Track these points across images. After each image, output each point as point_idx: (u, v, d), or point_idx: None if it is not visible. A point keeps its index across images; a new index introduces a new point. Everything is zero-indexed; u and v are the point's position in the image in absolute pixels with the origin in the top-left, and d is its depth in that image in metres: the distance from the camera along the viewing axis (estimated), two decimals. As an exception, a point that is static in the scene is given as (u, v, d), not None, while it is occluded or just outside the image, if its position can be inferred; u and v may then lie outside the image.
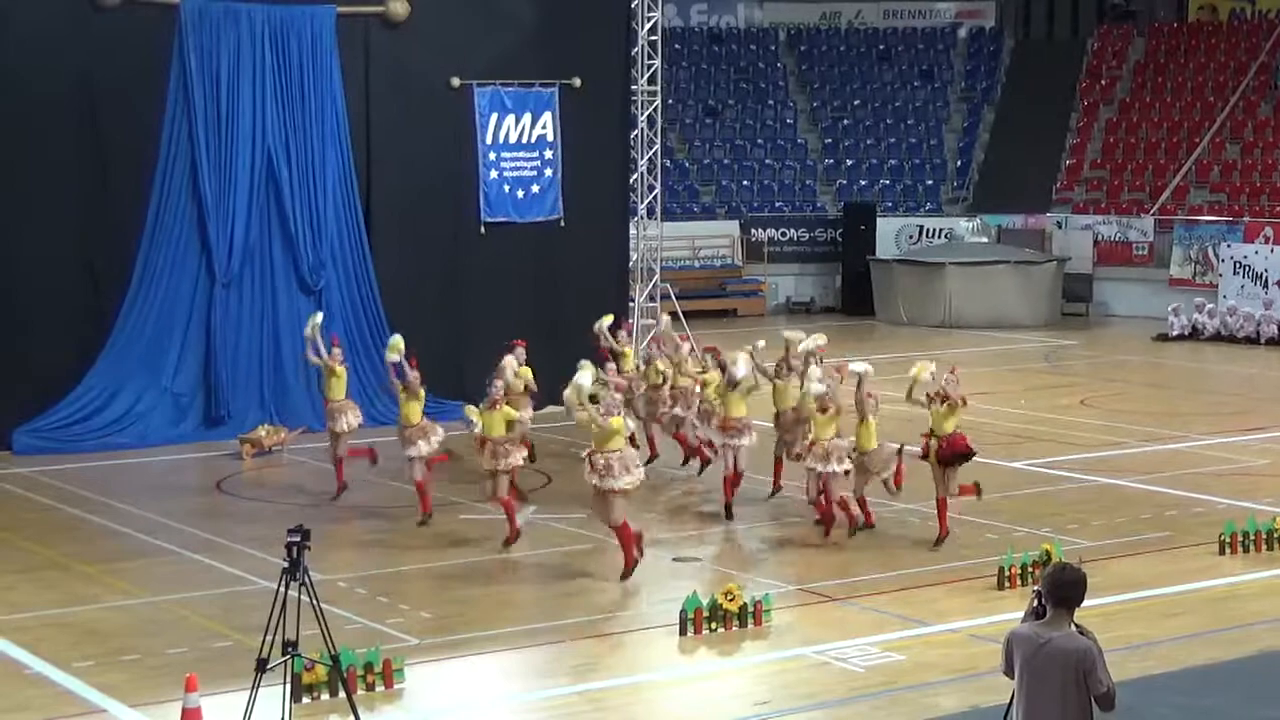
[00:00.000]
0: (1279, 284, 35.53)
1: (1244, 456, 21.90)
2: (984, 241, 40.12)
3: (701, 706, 12.37)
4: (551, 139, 25.69)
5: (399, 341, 18.50)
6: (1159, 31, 46.73)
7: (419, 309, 24.29)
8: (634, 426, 19.04)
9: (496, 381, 17.32)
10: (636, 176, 27.48)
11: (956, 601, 14.76)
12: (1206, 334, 35.37)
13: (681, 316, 29.10)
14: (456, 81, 24.88)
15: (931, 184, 43.89)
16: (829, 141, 45.23)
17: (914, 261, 39.31)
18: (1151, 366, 32.05)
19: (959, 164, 44.52)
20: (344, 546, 17.10)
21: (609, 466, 15.24)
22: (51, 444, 21.89)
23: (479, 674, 12.97)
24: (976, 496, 17.03)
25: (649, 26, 27.29)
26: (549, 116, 25.64)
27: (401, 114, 24.45)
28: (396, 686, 12.31)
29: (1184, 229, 38.44)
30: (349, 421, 19.18)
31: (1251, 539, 16.51)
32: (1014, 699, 8.00)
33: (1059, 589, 7.84)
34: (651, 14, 27.31)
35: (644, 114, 27.41)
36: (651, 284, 27.87)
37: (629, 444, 15.92)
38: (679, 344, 20.65)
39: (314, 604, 10.53)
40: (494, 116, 25.28)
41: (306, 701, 11.90)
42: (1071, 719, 7.80)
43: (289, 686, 11.13)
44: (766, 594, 14.34)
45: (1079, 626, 7.88)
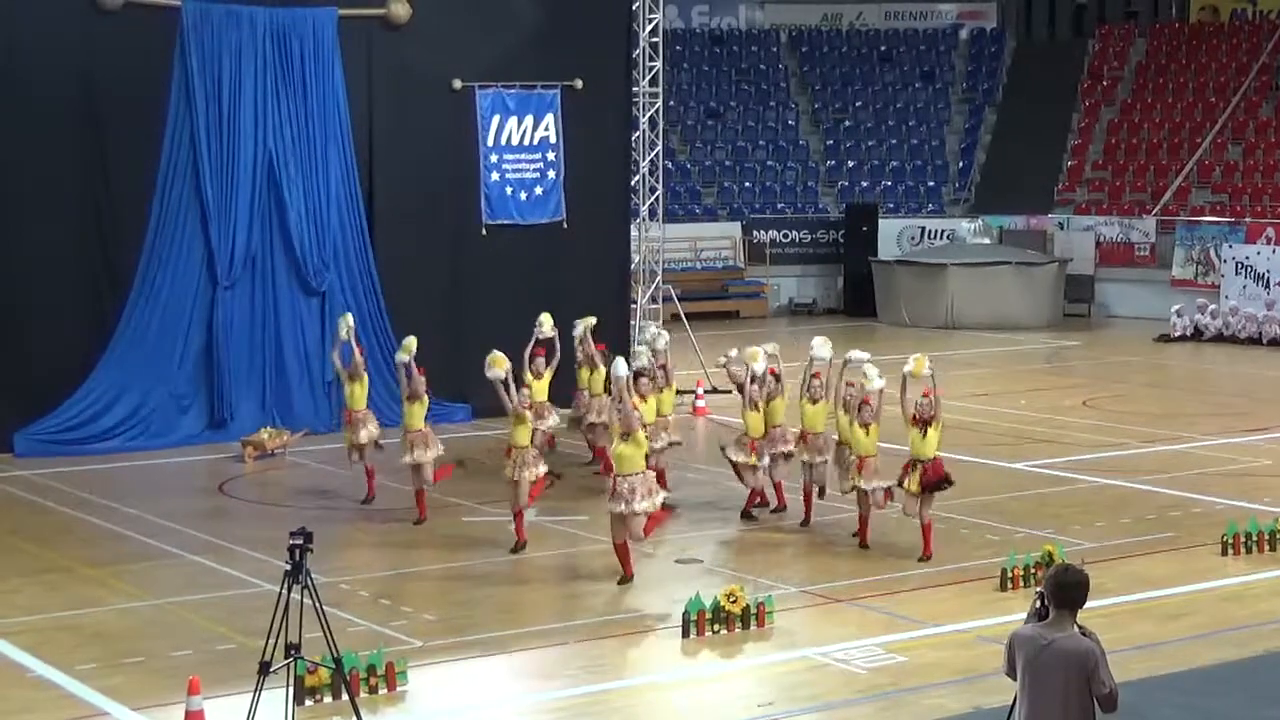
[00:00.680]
0: (1280, 284, 35.63)
1: (1246, 457, 21.89)
2: (986, 243, 40.14)
3: (704, 708, 12.37)
4: (554, 141, 25.70)
5: (411, 343, 18.42)
6: (1160, 32, 46.74)
7: (421, 311, 24.26)
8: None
9: (523, 390, 17.21)
10: (638, 178, 27.46)
11: (959, 603, 14.76)
12: (1208, 335, 35.37)
13: (684, 318, 29.11)
14: (458, 83, 24.88)
15: (933, 185, 43.89)
16: (830, 143, 45.24)
17: (916, 263, 39.32)
18: (1153, 367, 32.03)
19: (961, 165, 44.52)
20: (346, 549, 17.10)
21: (633, 491, 15.11)
22: (54, 447, 21.88)
23: (482, 676, 12.96)
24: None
25: (650, 28, 27.28)
26: (551, 118, 25.64)
27: (403, 116, 24.46)
28: (399, 689, 12.30)
29: (1186, 230, 38.43)
30: (370, 432, 19.16)
31: (1254, 540, 16.51)
32: (1017, 700, 8.01)
33: (1062, 590, 7.84)
34: (653, 16, 27.29)
35: (645, 115, 27.39)
36: (653, 286, 27.86)
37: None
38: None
39: (317, 606, 10.53)
40: (496, 118, 25.28)
41: (309, 704, 11.90)
42: (1074, 720, 7.82)
43: (292, 689, 11.13)
44: (769, 595, 14.34)
45: (1082, 628, 7.89)
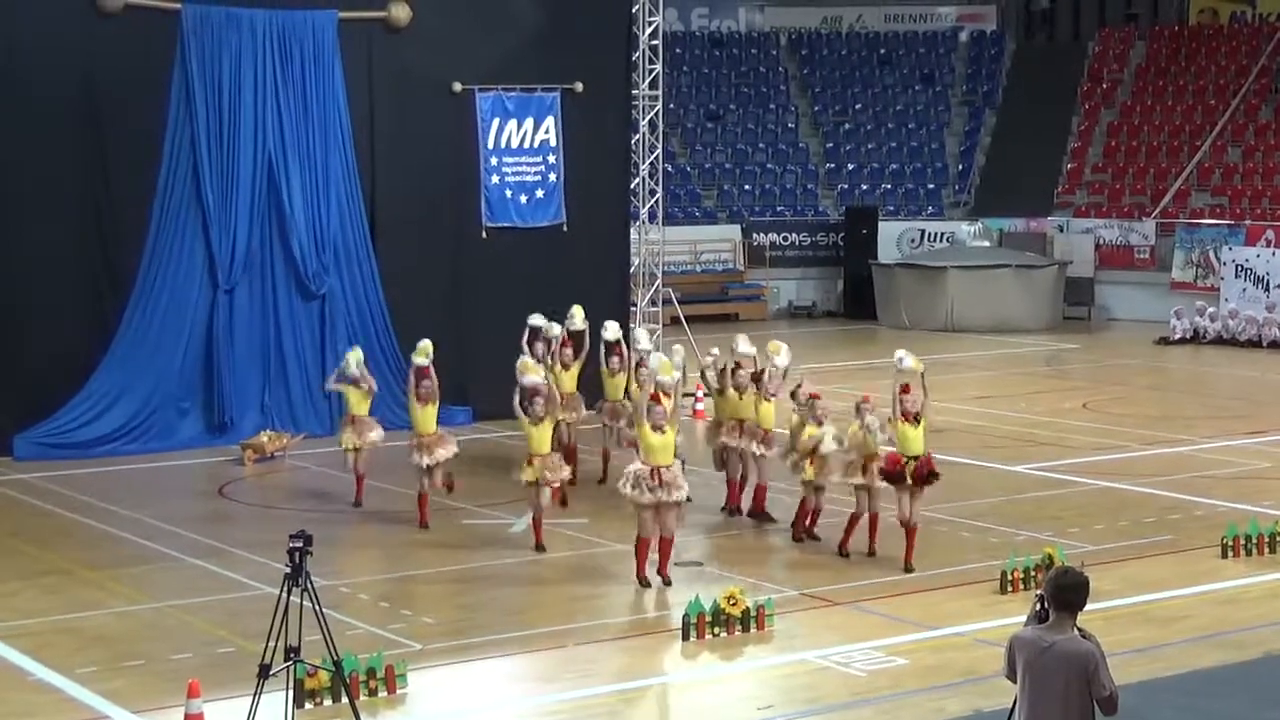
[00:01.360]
0: (1280, 287, 35.63)
1: (1246, 460, 21.89)
2: (986, 245, 40.13)
3: (704, 711, 12.37)
4: (554, 144, 25.70)
5: (428, 346, 18.31)
6: (1160, 35, 46.73)
7: (422, 314, 24.26)
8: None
9: (537, 399, 16.99)
10: (638, 181, 27.47)
11: (959, 605, 14.75)
12: (1208, 337, 35.36)
13: (684, 321, 29.13)
14: (458, 86, 24.89)
15: (933, 188, 43.88)
16: (830, 145, 45.25)
17: (916, 265, 39.32)
18: (1153, 370, 32.02)
19: (960, 168, 44.52)
20: (346, 552, 17.09)
21: (674, 481, 15.24)
22: (54, 450, 21.88)
23: (482, 679, 12.96)
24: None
25: (650, 31, 27.27)
26: (551, 121, 25.64)
27: (404, 119, 24.46)
28: (399, 692, 12.29)
29: (1185, 232, 38.44)
30: (371, 439, 19.11)
31: (1254, 542, 16.50)
32: (1017, 703, 8.01)
33: (1062, 593, 7.84)
34: (653, 18, 27.29)
35: (645, 118, 27.39)
36: (653, 289, 27.86)
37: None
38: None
39: (316, 609, 10.54)
40: (496, 121, 25.29)
41: (309, 707, 11.88)
42: (1074, 723, 7.81)
43: (291, 692, 11.15)
44: (769, 598, 14.33)
45: (1082, 630, 7.88)
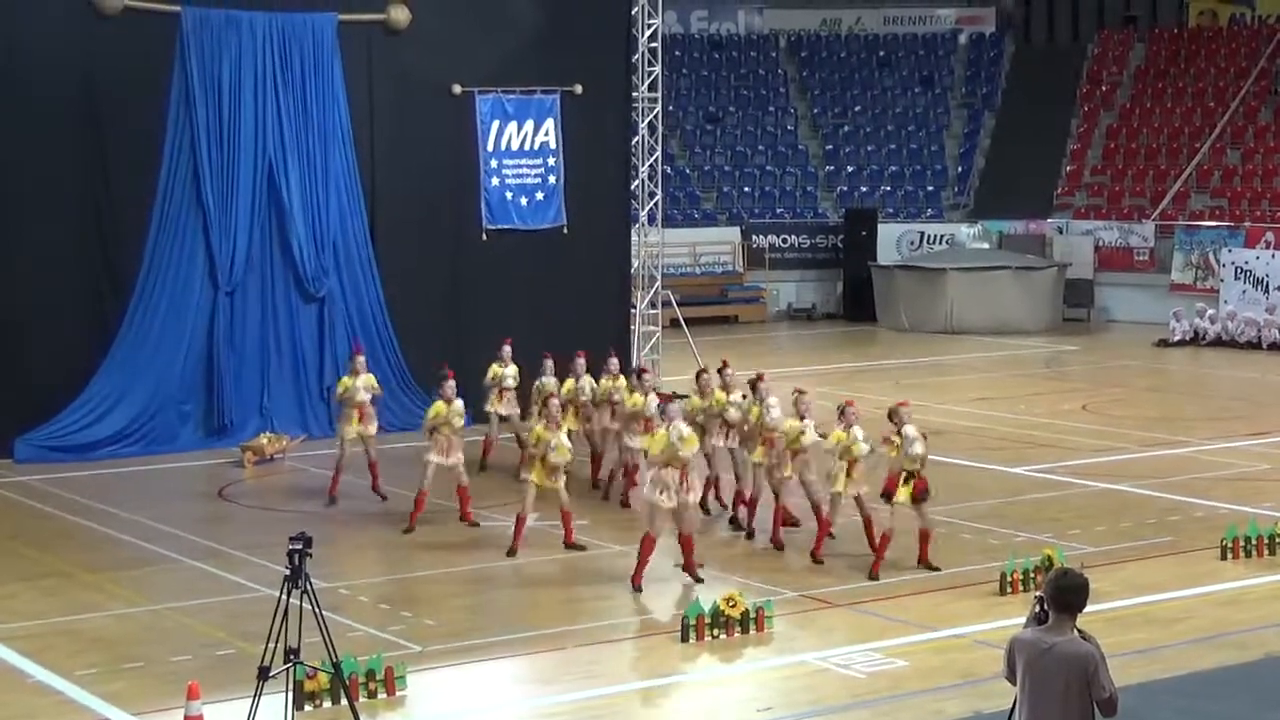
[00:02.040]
0: (1280, 289, 35.64)
1: (1245, 461, 21.88)
2: (985, 247, 40.16)
3: (704, 713, 12.37)
4: (554, 146, 25.70)
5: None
6: (1159, 37, 46.73)
7: (422, 316, 24.33)
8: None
9: (552, 401, 17.04)
10: (637, 183, 27.47)
11: (959, 607, 14.75)
12: (1208, 339, 35.36)
13: (683, 323, 29.12)
14: (458, 88, 24.89)
15: (932, 190, 43.90)
16: (830, 148, 45.27)
17: (915, 267, 39.33)
18: (1153, 372, 32.02)
19: (960, 170, 44.54)
20: (346, 554, 17.09)
21: (693, 481, 15.45)
22: (54, 453, 21.88)
23: (481, 681, 12.96)
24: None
25: (649, 33, 27.28)
26: (551, 123, 25.64)
27: (403, 121, 24.47)
28: (399, 694, 12.30)
29: (1185, 234, 38.44)
30: (367, 429, 19.11)
31: (1253, 544, 16.50)
32: (1016, 704, 8.00)
33: (1061, 594, 7.84)
34: (652, 21, 27.29)
35: (645, 120, 27.40)
36: (653, 291, 27.86)
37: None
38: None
39: (316, 611, 10.54)
40: (496, 123, 25.29)
41: (309, 709, 11.88)
42: (1073, 724, 7.81)
43: (291, 694, 11.15)
44: (769, 600, 14.34)
45: (1081, 632, 7.88)
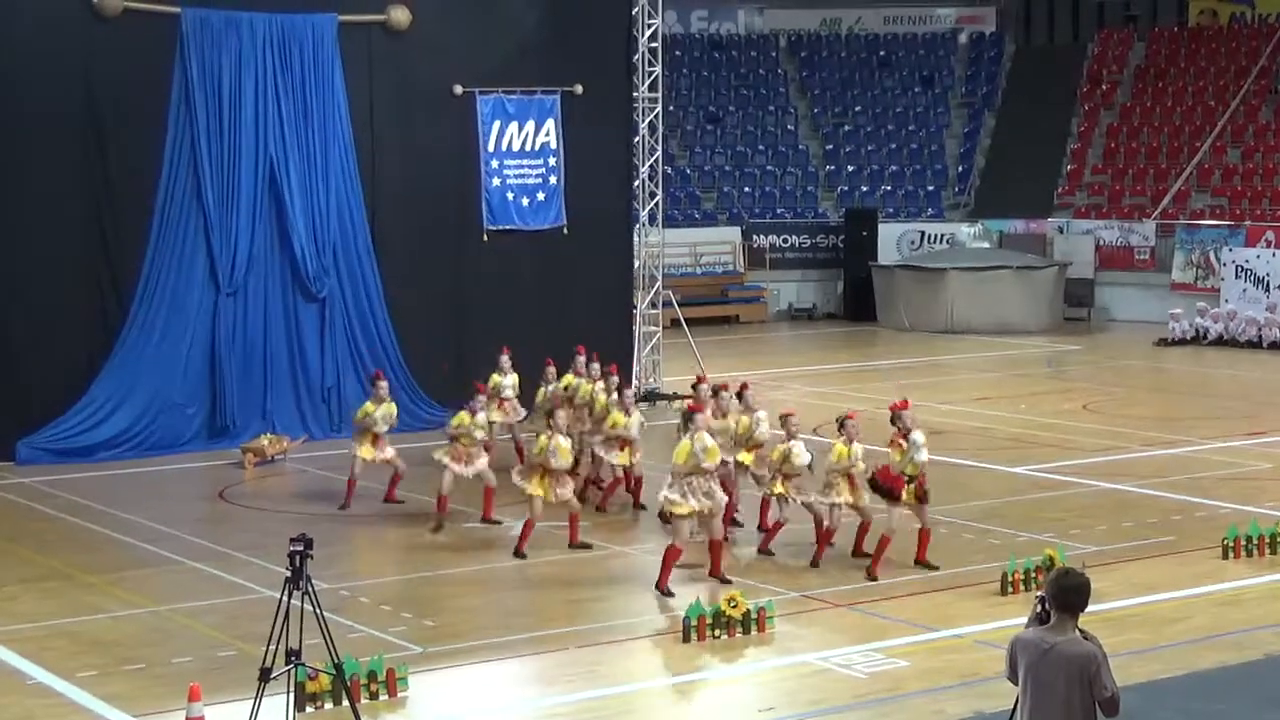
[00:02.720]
0: (1281, 288, 35.62)
1: (1246, 461, 21.88)
2: (986, 247, 40.16)
3: (705, 714, 12.37)
4: (555, 146, 25.70)
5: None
6: (1159, 36, 46.73)
7: (423, 317, 24.33)
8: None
9: (559, 413, 16.94)
10: (638, 183, 27.47)
11: (960, 607, 14.75)
12: (1209, 338, 35.35)
13: (684, 323, 29.12)
14: (459, 89, 24.89)
15: (933, 189, 43.90)
16: (830, 147, 45.26)
17: (916, 267, 39.33)
18: (1153, 371, 32.02)
19: (960, 169, 44.53)
20: (347, 555, 17.09)
21: (717, 485, 15.51)
22: (55, 455, 21.88)
23: (482, 682, 12.95)
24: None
25: (650, 33, 27.26)
26: (551, 124, 25.64)
27: (404, 122, 24.47)
28: (400, 695, 12.29)
29: (1185, 233, 38.44)
30: (383, 454, 19.05)
31: (1254, 543, 16.50)
32: (1018, 704, 8.00)
33: (1063, 594, 7.83)
34: (652, 21, 27.28)
35: (645, 121, 27.39)
36: (653, 291, 27.86)
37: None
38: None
39: (317, 613, 10.53)
40: (496, 124, 25.29)
41: (310, 711, 11.87)
42: (1075, 724, 7.80)
43: (292, 696, 11.14)
44: (770, 600, 14.33)
45: (1083, 631, 7.88)
